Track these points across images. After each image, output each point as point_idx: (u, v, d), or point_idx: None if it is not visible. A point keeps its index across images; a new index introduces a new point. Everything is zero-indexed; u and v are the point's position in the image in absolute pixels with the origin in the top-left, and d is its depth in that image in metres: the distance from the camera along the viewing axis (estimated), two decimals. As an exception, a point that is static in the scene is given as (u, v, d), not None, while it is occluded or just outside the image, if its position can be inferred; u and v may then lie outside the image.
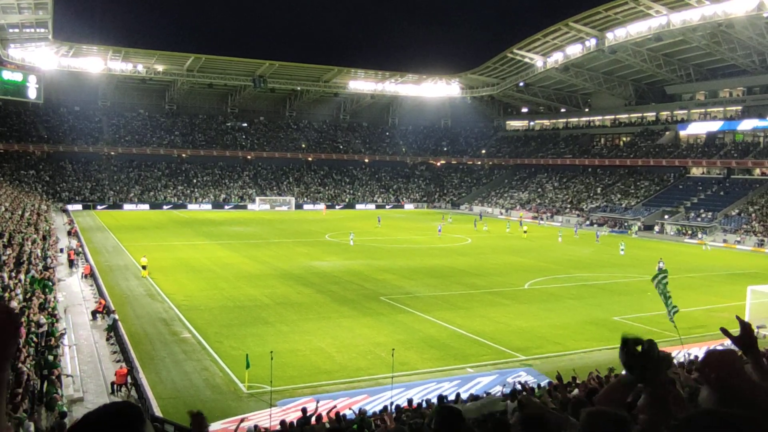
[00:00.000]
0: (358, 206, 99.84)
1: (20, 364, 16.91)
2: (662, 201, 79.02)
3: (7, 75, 71.57)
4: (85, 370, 21.56)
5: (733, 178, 77.65)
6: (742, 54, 73.84)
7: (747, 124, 78.36)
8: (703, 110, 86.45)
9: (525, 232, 65.55)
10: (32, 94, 74.29)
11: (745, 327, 2.62)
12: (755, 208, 68.81)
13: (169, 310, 30.07)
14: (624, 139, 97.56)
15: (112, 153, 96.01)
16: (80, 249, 45.97)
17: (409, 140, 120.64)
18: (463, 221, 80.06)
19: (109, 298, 30.74)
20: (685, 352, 20.86)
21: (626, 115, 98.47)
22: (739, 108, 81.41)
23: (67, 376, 19.56)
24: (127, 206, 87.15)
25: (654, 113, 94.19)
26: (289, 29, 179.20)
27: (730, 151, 79.34)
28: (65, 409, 16.71)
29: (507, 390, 17.46)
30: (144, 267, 38.69)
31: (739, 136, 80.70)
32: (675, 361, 17.40)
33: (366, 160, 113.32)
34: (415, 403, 16.38)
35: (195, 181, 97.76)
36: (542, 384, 18.63)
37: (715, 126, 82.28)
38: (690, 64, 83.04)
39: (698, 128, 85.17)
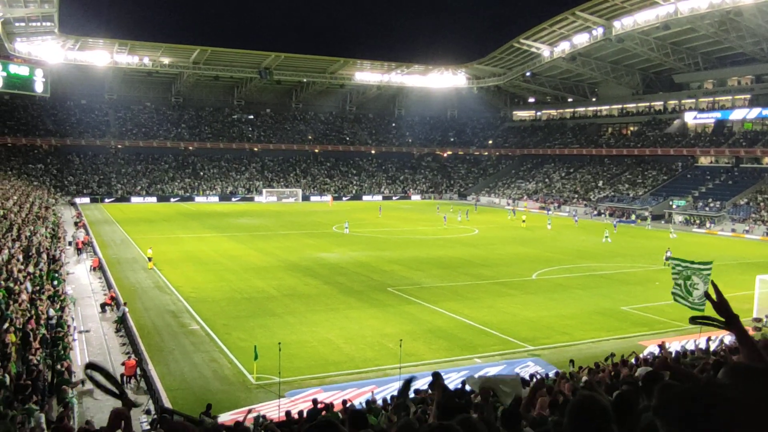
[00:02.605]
0: (365, 197, 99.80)
1: (30, 356, 17.04)
2: (670, 190, 78.65)
3: (14, 69, 71.71)
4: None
5: (742, 167, 77.17)
6: (750, 42, 73.23)
7: (756, 113, 77.78)
8: (711, 99, 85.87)
9: (523, 221, 65.84)
10: (39, 87, 74.41)
11: (720, 300, 2.93)
12: (764, 197, 68.41)
13: (177, 302, 30.21)
14: (631, 128, 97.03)
15: (119, 146, 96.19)
16: (88, 241, 46.17)
17: (416, 131, 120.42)
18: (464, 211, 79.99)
19: (117, 290, 30.89)
20: (693, 341, 20.82)
21: (634, 105, 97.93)
22: (748, 96, 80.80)
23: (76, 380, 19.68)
24: (134, 199, 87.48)
25: (662, 102, 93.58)
26: (295, 21, 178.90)
27: (738, 139, 78.82)
28: (75, 400, 16.82)
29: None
30: (150, 259, 39.00)
31: (748, 125, 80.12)
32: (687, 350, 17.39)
33: (372, 152, 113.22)
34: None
35: (202, 173, 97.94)
36: (550, 374, 18.65)
37: (734, 114, 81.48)
38: (698, 52, 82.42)
39: (706, 117, 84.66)
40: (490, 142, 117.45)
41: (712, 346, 19.77)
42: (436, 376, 5.43)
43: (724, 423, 1.76)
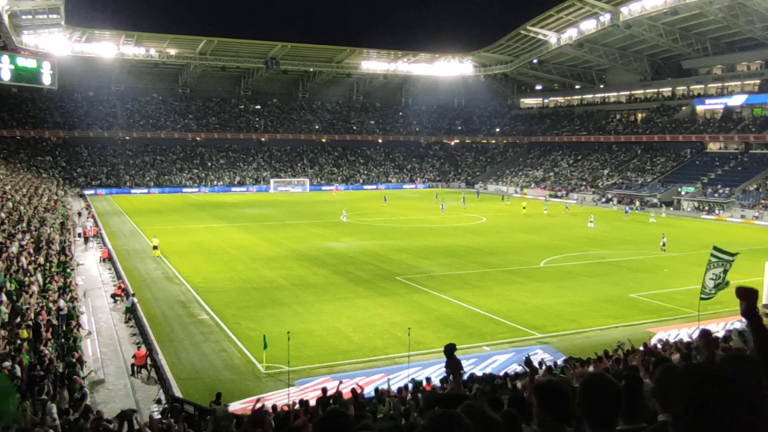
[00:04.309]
0: (366, 187, 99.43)
1: (42, 347, 17.19)
2: (679, 177, 78.27)
3: (22, 62, 71.72)
4: (105, 352, 21.86)
5: (752, 152, 76.62)
6: (760, 27, 72.44)
7: (765, 98, 77.16)
8: (720, 84, 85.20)
9: (524, 208, 65.77)
10: (46, 80, 74.44)
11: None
12: (774, 183, 68.00)
13: (186, 293, 30.36)
14: (640, 115, 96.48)
15: (127, 137, 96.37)
16: (97, 232, 46.49)
17: (423, 120, 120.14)
18: (469, 200, 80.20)
19: (127, 281, 31.06)
20: (701, 328, 20.72)
21: (642, 91, 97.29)
22: (758, 82, 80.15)
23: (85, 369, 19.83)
24: (142, 190, 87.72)
25: (670, 88, 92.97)
26: (301, 10, 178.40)
27: (748, 125, 78.23)
28: (86, 390, 16.96)
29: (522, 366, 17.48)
30: (155, 247, 39.40)
31: (758, 110, 79.45)
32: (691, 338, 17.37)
33: (380, 141, 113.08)
34: (433, 382, 16.47)
35: (209, 164, 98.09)
36: (558, 362, 18.67)
37: (732, 100, 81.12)
38: (707, 37, 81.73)
39: (715, 103, 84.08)
40: (498, 130, 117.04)
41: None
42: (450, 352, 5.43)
43: (724, 406, 1.77)
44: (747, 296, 3.13)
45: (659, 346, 17.92)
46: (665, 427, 3.01)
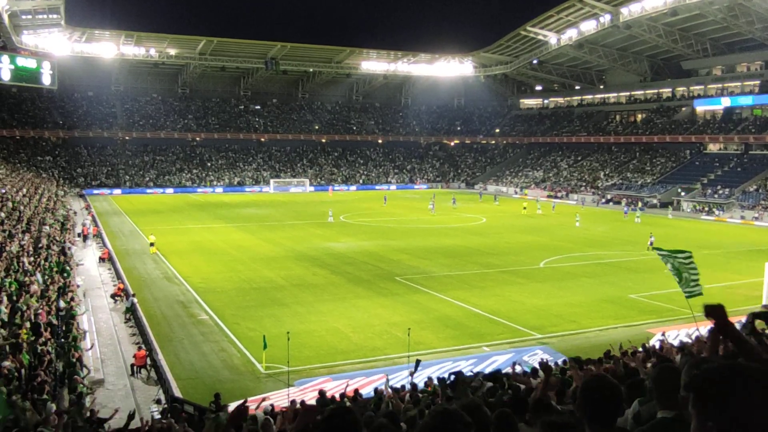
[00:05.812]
0: (366, 187, 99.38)
1: (41, 348, 17.18)
2: (678, 178, 78.29)
3: (21, 62, 71.63)
4: (105, 352, 21.87)
5: (751, 153, 76.61)
6: (760, 27, 72.44)
7: (765, 99, 77.16)
8: (720, 85, 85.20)
9: (524, 208, 65.77)
10: (46, 80, 74.37)
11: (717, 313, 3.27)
12: (773, 184, 67.99)
13: (186, 293, 30.37)
14: (639, 115, 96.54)
15: (127, 138, 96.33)
16: (97, 232, 46.50)
17: (423, 120, 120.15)
18: (467, 200, 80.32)
19: (127, 281, 31.07)
20: (694, 330, 20.72)
21: (642, 92, 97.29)
22: (757, 82, 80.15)
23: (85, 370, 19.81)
24: (142, 190, 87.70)
25: (670, 89, 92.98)
26: (301, 10, 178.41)
27: (748, 126, 78.27)
28: (86, 390, 16.96)
29: (526, 367, 17.48)
30: (152, 244, 39.88)
31: (758, 111, 79.46)
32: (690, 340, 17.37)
33: (380, 141, 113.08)
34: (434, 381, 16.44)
35: (209, 164, 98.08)
36: (558, 362, 18.65)
37: (732, 101, 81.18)
38: (707, 38, 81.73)
39: (715, 104, 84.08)
40: (497, 130, 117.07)
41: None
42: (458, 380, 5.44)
43: (760, 403, 1.77)
44: (714, 314, 3.21)
45: (657, 346, 17.93)
46: (664, 423, 3.06)
